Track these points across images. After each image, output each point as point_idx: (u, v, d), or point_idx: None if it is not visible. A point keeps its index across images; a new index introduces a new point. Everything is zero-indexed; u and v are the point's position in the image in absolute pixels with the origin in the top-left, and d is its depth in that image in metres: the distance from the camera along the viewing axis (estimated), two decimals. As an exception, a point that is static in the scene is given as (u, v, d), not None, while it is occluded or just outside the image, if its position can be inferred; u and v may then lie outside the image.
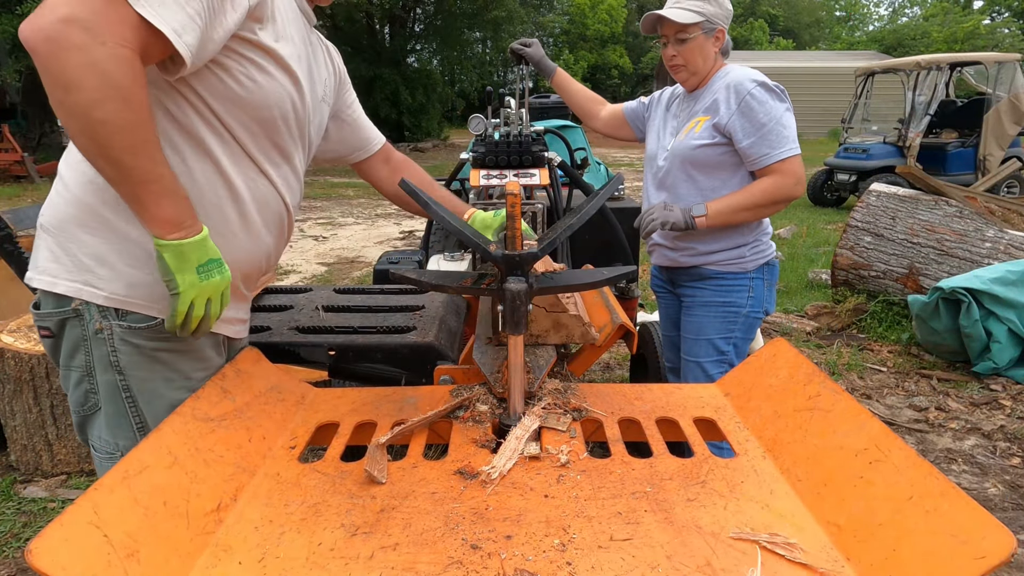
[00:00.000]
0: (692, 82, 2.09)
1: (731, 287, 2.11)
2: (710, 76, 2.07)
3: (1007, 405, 3.50)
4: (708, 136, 1.99)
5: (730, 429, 1.22)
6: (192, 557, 0.87)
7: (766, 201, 1.97)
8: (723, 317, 2.11)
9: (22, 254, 2.73)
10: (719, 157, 2.01)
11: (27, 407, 2.72)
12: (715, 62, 2.07)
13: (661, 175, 2.13)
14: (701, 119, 2.03)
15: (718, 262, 2.09)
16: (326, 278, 6.45)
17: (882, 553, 0.83)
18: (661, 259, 2.22)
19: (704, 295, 2.13)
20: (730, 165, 2.02)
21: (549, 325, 1.41)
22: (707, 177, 2.04)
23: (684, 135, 2.06)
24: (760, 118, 1.91)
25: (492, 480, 1.04)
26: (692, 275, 2.14)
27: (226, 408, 1.18)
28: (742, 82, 1.95)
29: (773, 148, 1.93)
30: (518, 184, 1.94)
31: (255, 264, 1.31)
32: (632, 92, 40.79)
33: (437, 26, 24.71)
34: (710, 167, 2.03)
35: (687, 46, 2.00)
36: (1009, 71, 9.19)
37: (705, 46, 2.01)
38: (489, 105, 2.50)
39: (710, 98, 2.02)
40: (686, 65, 2.03)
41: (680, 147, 2.06)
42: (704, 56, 2.02)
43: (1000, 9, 30.95)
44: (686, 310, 2.20)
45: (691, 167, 2.04)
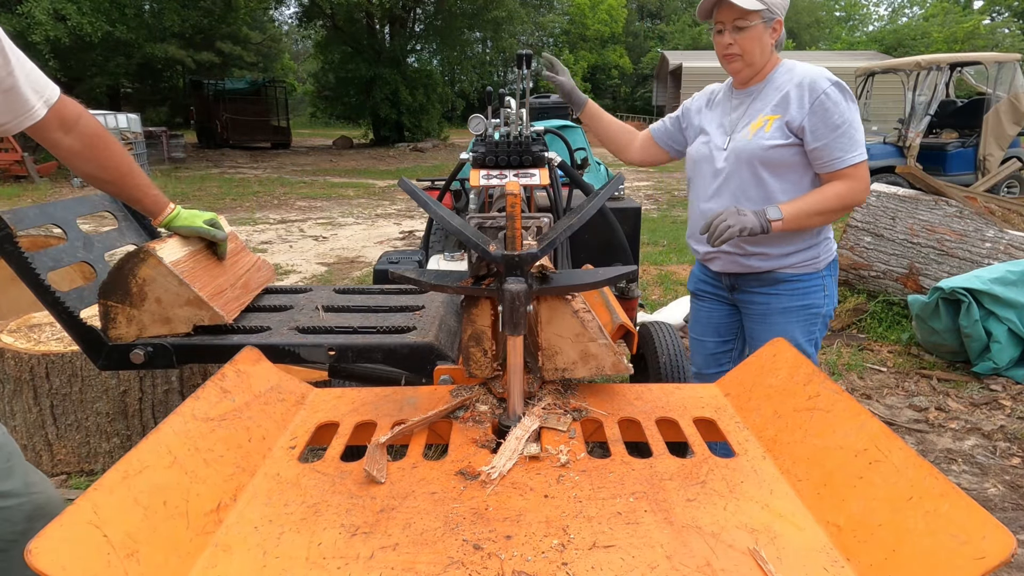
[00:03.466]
0: (745, 74, 1.98)
1: (808, 289, 2.03)
2: (767, 70, 1.98)
3: (1007, 405, 3.50)
4: (781, 136, 1.90)
5: (730, 429, 1.22)
6: (192, 557, 0.87)
7: (839, 206, 1.90)
8: (805, 320, 2.05)
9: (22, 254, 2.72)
10: (791, 158, 1.92)
11: (27, 407, 2.72)
12: (770, 55, 1.97)
13: (723, 177, 2.02)
14: (770, 117, 1.92)
15: (794, 264, 2.01)
16: (326, 278, 6.45)
17: (882, 553, 0.83)
18: (729, 266, 2.10)
19: (782, 300, 2.04)
20: (801, 166, 1.94)
21: (576, 357, 1.28)
22: (777, 178, 1.95)
23: (752, 134, 1.95)
24: (834, 120, 1.84)
25: (492, 480, 1.04)
26: (765, 280, 2.05)
27: (226, 408, 1.18)
28: (817, 80, 1.86)
29: (846, 152, 1.86)
30: (518, 184, 1.94)
31: None
32: (632, 92, 40.78)
33: (437, 26, 24.73)
34: (782, 168, 1.94)
35: (745, 35, 1.88)
36: (1009, 71, 9.18)
37: (763, 36, 1.90)
38: (489, 105, 2.50)
39: (776, 95, 1.93)
40: (742, 55, 1.92)
41: (748, 147, 1.95)
42: (761, 47, 1.91)
43: (1000, 9, 30.95)
44: (760, 318, 2.10)
45: (761, 168, 1.95)
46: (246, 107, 22.72)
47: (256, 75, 27.35)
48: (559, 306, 1.25)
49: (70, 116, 1.45)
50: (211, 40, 22.54)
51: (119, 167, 1.54)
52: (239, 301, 1.78)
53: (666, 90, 30.77)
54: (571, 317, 1.25)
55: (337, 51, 23.90)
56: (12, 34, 2.89)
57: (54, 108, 1.41)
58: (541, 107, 8.20)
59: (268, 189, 12.91)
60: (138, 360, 1.60)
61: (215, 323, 1.63)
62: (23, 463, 1.38)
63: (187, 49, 21.25)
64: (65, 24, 16.17)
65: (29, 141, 15.33)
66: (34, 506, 1.34)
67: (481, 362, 1.26)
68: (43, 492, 1.38)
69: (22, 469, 1.37)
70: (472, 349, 1.25)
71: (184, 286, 1.57)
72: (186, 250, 1.65)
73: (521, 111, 2.38)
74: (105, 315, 1.58)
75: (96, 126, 1.50)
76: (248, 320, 1.77)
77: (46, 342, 2.79)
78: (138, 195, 1.60)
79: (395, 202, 11.30)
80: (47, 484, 1.41)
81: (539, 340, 1.27)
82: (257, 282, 1.94)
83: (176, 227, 1.66)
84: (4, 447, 1.35)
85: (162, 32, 19.15)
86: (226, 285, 1.75)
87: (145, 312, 1.58)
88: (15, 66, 1.31)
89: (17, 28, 15.43)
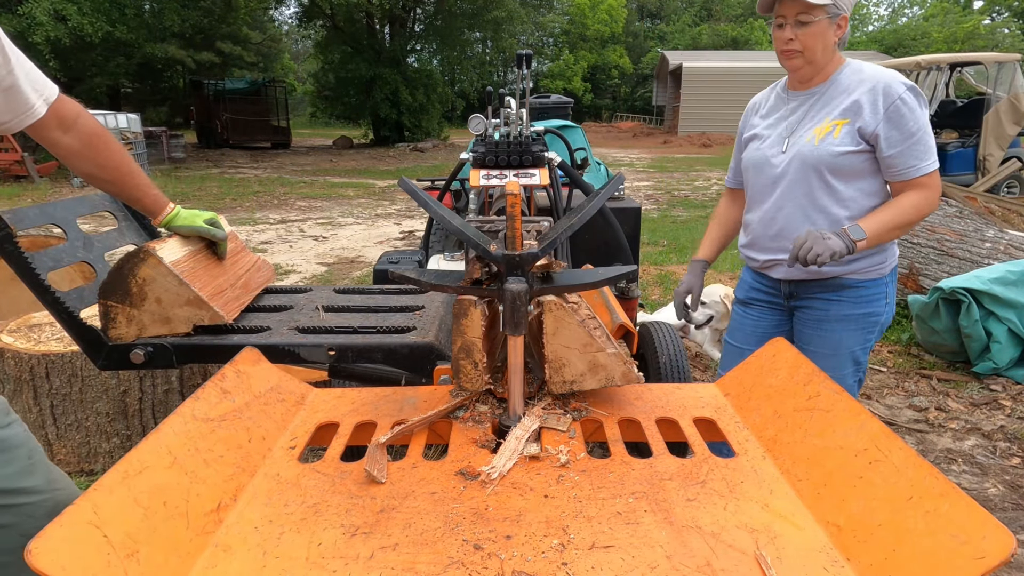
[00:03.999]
0: (805, 73, 1.88)
1: (871, 296, 1.95)
2: (830, 70, 1.88)
3: (1007, 405, 3.50)
4: (852, 142, 1.81)
5: (730, 429, 1.22)
6: (192, 557, 0.87)
7: (917, 218, 1.83)
8: (863, 328, 1.97)
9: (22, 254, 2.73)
10: (861, 164, 1.84)
11: (27, 407, 2.72)
12: (833, 54, 1.86)
13: (785, 184, 1.93)
14: (838, 122, 1.83)
15: (860, 270, 1.93)
16: (326, 278, 6.45)
17: (882, 553, 0.84)
18: (794, 273, 1.99)
19: (843, 307, 1.96)
20: (871, 172, 1.86)
21: (585, 368, 1.23)
22: (846, 185, 1.87)
23: (818, 139, 1.86)
24: (910, 127, 1.76)
25: (492, 480, 1.04)
26: (829, 286, 1.97)
27: (226, 408, 1.18)
28: (891, 85, 1.77)
29: (920, 160, 1.78)
30: (518, 184, 1.94)
31: None
32: (632, 92, 40.80)
33: (437, 26, 24.74)
34: (852, 175, 1.86)
35: (808, 30, 1.78)
36: (1009, 71, 9.19)
37: (827, 33, 1.79)
38: (489, 105, 2.50)
39: (843, 98, 1.83)
40: (803, 52, 1.81)
41: (815, 153, 1.85)
42: (824, 44, 1.80)
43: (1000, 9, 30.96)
44: (816, 324, 2.02)
45: (831, 175, 1.86)
46: (246, 107, 22.73)
47: (256, 75, 27.35)
48: (564, 316, 1.19)
49: (69, 115, 1.45)
50: (211, 40, 22.53)
51: (118, 166, 1.54)
52: (239, 301, 1.78)
53: (666, 90, 30.77)
54: (578, 327, 1.19)
55: (337, 51, 23.90)
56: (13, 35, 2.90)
57: (53, 107, 1.41)
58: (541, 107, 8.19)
59: (268, 189, 12.91)
60: (138, 360, 1.60)
61: (215, 323, 1.63)
62: (45, 460, 1.38)
63: (187, 49, 21.24)
64: (65, 24, 16.18)
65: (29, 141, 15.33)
66: (56, 503, 1.34)
67: (472, 375, 1.21)
68: (65, 489, 1.38)
69: (44, 466, 1.36)
70: (462, 361, 1.21)
71: (184, 286, 1.57)
72: (186, 250, 1.65)
73: (521, 111, 2.39)
74: (105, 315, 1.58)
75: (95, 125, 1.50)
76: (248, 320, 1.77)
77: (46, 342, 2.79)
78: (138, 195, 1.60)
79: (395, 202, 11.30)
80: (68, 481, 1.41)
81: (545, 352, 1.21)
82: (257, 282, 1.94)
83: (176, 227, 1.66)
84: (26, 444, 1.35)
85: (162, 32, 19.15)
86: (226, 285, 1.75)
87: (145, 312, 1.58)
88: (15, 64, 1.31)
89: (18, 28, 15.45)
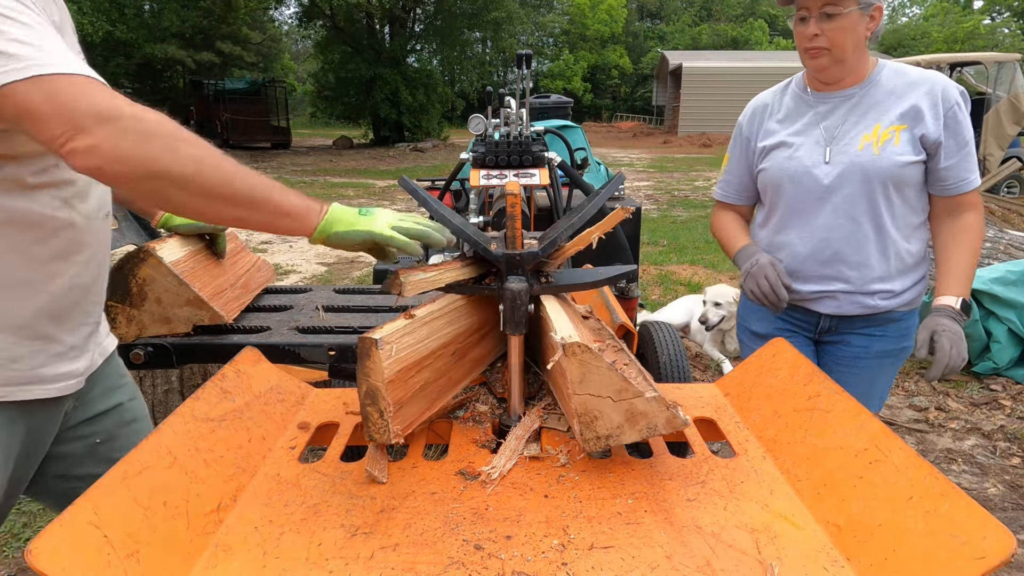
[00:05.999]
0: (832, 73, 1.64)
1: (909, 328, 1.74)
2: (863, 70, 1.65)
3: (1007, 405, 3.50)
4: (913, 151, 1.59)
5: (730, 429, 1.22)
6: (192, 557, 0.87)
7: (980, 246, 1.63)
8: (895, 363, 1.77)
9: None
10: (915, 176, 1.63)
11: (27, 407, 2.72)
12: (866, 51, 1.65)
13: (837, 198, 1.65)
14: (896, 128, 1.60)
15: (909, 302, 1.72)
16: (326, 278, 6.45)
17: (882, 553, 0.84)
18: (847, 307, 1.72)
19: (884, 343, 1.73)
20: (919, 186, 1.66)
21: (621, 419, 1.01)
22: (902, 201, 1.64)
23: (877, 146, 1.61)
24: (965, 135, 1.59)
25: (492, 480, 1.04)
26: (875, 320, 1.72)
27: (226, 408, 1.18)
28: (948, 89, 1.58)
29: (971, 172, 1.61)
30: (518, 184, 1.94)
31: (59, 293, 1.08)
32: (632, 92, 40.79)
33: (437, 26, 24.74)
34: (907, 189, 1.64)
35: (836, 24, 1.54)
36: (1009, 71, 9.19)
37: (858, 27, 1.56)
38: (489, 105, 2.50)
39: (896, 102, 1.61)
40: (831, 49, 1.58)
41: (878, 163, 1.60)
42: (855, 40, 1.57)
43: (1000, 9, 30.96)
44: (851, 361, 1.77)
45: (893, 190, 1.63)
46: (246, 107, 22.72)
47: (256, 75, 27.35)
48: (591, 360, 0.98)
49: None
50: (211, 40, 22.55)
51: None
52: (239, 301, 1.78)
53: (666, 90, 30.77)
54: (608, 371, 0.99)
55: (337, 51, 23.90)
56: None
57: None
58: (541, 107, 8.19)
59: (268, 189, 12.89)
60: (138, 360, 1.60)
61: (215, 323, 1.63)
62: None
63: (187, 49, 21.25)
64: (65, 24, 16.18)
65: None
66: None
67: (379, 424, 1.04)
68: None
69: None
70: (368, 408, 1.04)
71: (184, 286, 1.57)
72: (186, 250, 1.65)
73: (521, 111, 2.39)
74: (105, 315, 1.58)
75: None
76: (248, 320, 1.77)
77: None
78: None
79: (395, 202, 11.29)
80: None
81: (572, 405, 1.02)
82: (257, 282, 1.94)
83: (174, 226, 1.66)
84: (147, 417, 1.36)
85: (162, 32, 19.16)
86: (226, 285, 1.75)
87: (145, 312, 1.58)
88: None
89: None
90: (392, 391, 1.03)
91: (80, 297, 1.12)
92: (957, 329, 1.51)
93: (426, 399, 1.14)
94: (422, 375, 1.11)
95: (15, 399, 1.05)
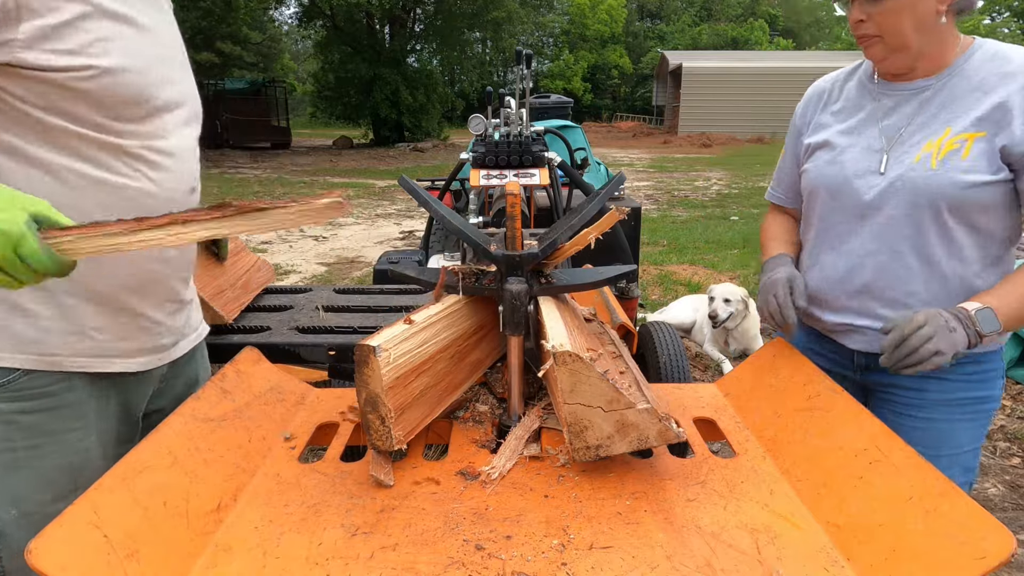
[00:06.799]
0: (894, 63, 1.29)
1: (987, 373, 1.34)
2: (947, 55, 1.27)
3: (1007, 405, 3.50)
4: (988, 167, 1.20)
5: (730, 429, 1.22)
6: (192, 557, 0.87)
7: None
8: (974, 418, 1.35)
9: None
10: (997, 199, 1.23)
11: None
12: (949, 29, 1.25)
13: (878, 220, 1.31)
14: (970, 136, 1.22)
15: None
16: (326, 278, 6.45)
17: (882, 553, 0.84)
18: (875, 345, 1.33)
19: (945, 389, 1.33)
20: (1004, 212, 1.26)
21: (611, 430, 1.01)
22: (969, 230, 1.27)
23: (936, 159, 1.24)
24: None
25: (492, 480, 1.04)
26: None
27: (226, 408, 1.18)
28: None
29: None
30: (518, 184, 1.94)
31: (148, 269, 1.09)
32: (632, 92, 40.80)
33: (437, 26, 24.75)
34: (980, 215, 1.25)
35: (884, 6, 1.21)
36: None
37: (917, 5, 1.20)
38: (489, 105, 2.51)
39: (979, 99, 1.22)
40: (882, 36, 1.24)
41: (934, 180, 1.24)
42: (916, 21, 1.21)
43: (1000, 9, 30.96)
44: (906, 411, 1.38)
45: (951, 214, 1.25)
46: (246, 107, 22.73)
47: (256, 75, 27.35)
48: (582, 369, 0.99)
49: None
50: (211, 40, 22.53)
51: None
52: (239, 301, 1.78)
53: (666, 90, 30.78)
54: (599, 381, 0.98)
55: (337, 51, 23.92)
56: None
57: None
58: (541, 107, 8.20)
59: (268, 189, 12.90)
60: (138, 360, 1.60)
61: (215, 323, 1.63)
62: None
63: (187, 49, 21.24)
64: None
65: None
66: None
67: (380, 431, 1.04)
68: None
69: None
70: (369, 416, 1.04)
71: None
72: (186, 250, 1.65)
73: (521, 111, 2.39)
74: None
75: None
76: (248, 320, 1.77)
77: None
78: None
79: (395, 202, 11.30)
80: None
81: (561, 414, 1.04)
82: (257, 282, 1.94)
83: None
84: None
85: (162, 32, 19.10)
86: (226, 285, 1.75)
87: (145, 312, 1.58)
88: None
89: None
90: (392, 397, 1.02)
91: (162, 271, 1.12)
92: (950, 327, 1.13)
93: (427, 404, 1.14)
94: (421, 380, 1.10)
95: (95, 370, 1.05)
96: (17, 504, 1.00)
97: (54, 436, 1.01)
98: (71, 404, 1.03)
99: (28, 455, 1.00)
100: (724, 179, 14.10)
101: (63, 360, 1.01)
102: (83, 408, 1.05)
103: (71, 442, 1.03)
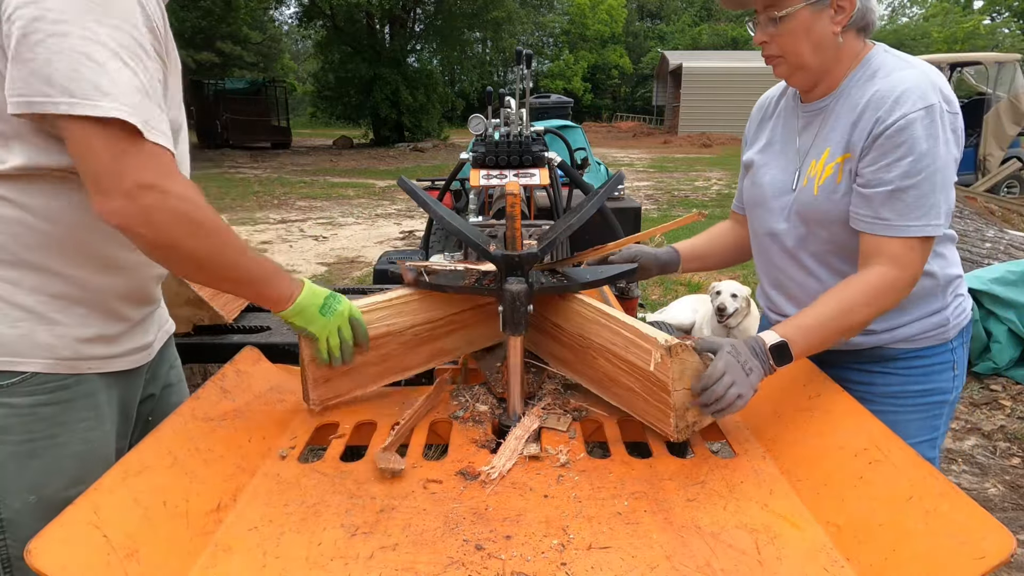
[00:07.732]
0: (799, 81, 1.32)
1: (931, 368, 1.36)
2: (839, 74, 1.28)
3: (1007, 405, 3.50)
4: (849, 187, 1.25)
5: (730, 429, 1.22)
6: (192, 557, 0.87)
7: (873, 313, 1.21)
8: (925, 411, 1.37)
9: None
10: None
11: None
12: (846, 49, 1.26)
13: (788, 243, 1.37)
14: (841, 159, 1.26)
15: (911, 338, 1.34)
16: (326, 278, 6.45)
17: (882, 553, 0.84)
18: None
19: (891, 383, 1.37)
20: None
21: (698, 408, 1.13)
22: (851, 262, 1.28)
23: (818, 185, 1.28)
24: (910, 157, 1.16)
25: (492, 480, 1.04)
26: (867, 357, 1.38)
27: (226, 408, 1.18)
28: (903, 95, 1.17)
29: (903, 214, 1.18)
30: (518, 184, 1.94)
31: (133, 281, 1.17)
32: (632, 92, 40.80)
33: (437, 26, 24.75)
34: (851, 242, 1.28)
35: (784, 27, 1.23)
36: (1009, 71, 9.21)
37: (814, 26, 1.22)
38: (489, 105, 2.50)
39: (847, 117, 1.25)
40: (784, 56, 1.27)
41: (814, 206, 1.29)
42: (815, 43, 1.23)
43: (1000, 9, 30.96)
44: (861, 401, 1.31)
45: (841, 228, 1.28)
46: (246, 107, 22.72)
47: (256, 75, 27.34)
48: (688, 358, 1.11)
49: None
50: (211, 40, 22.52)
51: None
52: (239, 301, 1.78)
53: (666, 90, 30.77)
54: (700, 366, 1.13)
55: (337, 51, 23.91)
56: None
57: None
58: (541, 107, 8.20)
59: (268, 189, 12.91)
60: (138, 360, 1.60)
61: (215, 323, 1.63)
62: None
63: (187, 49, 21.21)
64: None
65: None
66: None
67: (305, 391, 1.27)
68: None
69: None
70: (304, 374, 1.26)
71: (184, 286, 1.57)
72: (186, 250, 1.65)
73: (521, 111, 2.39)
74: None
75: None
76: (248, 320, 1.77)
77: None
78: None
79: (395, 202, 11.30)
80: None
81: (671, 400, 1.10)
82: (257, 282, 1.94)
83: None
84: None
85: (162, 32, 19.10)
86: (226, 285, 1.75)
87: (145, 312, 1.58)
88: None
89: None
90: (314, 369, 1.23)
91: (147, 277, 1.20)
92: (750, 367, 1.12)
93: (362, 378, 1.30)
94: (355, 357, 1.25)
95: (102, 370, 1.13)
96: (36, 490, 1.06)
97: (69, 426, 1.08)
98: (84, 396, 1.10)
99: (46, 444, 1.07)
100: (724, 179, 14.10)
101: (77, 363, 1.09)
102: (94, 400, 1.12)
103: (83, 431, 1.10)
